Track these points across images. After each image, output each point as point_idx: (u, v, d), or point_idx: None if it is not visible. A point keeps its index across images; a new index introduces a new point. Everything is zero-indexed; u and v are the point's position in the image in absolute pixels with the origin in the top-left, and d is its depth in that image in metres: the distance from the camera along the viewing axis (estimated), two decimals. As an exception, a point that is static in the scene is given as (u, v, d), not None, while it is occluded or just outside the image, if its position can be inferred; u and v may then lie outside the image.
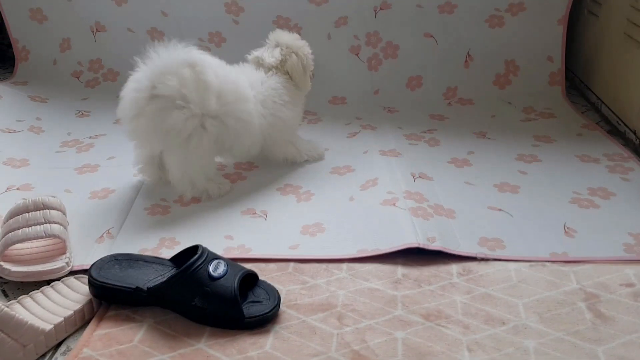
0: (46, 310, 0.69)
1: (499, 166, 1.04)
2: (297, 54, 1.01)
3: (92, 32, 1.38)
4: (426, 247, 0.80)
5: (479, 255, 0.81)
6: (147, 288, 0.70)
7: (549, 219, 0.89)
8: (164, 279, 0.70)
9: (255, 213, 0.92)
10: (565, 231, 0.86)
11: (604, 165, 1.03)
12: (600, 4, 1.28)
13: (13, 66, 1.41)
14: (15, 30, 1.38)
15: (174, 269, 0.74)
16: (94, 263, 0.73)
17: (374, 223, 0.87)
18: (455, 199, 0.94)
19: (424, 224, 0.85)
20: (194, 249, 0.73)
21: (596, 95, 1.28)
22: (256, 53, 1.01)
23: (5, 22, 1.38)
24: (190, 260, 0.69)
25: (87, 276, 0.72)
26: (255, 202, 0.95)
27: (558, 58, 1.31)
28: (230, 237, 0.85)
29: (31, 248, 0.79)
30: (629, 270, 0.77)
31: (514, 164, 1.05)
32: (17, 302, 0.70)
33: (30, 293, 0.72)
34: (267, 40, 1.03)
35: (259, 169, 1.05)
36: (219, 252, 0.80)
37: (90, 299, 0.71)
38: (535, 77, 1.32)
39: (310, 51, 1.03)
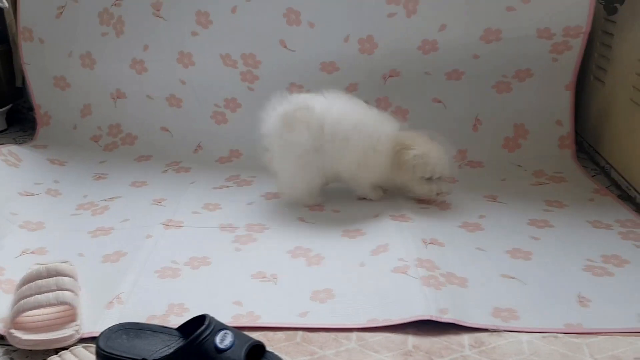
0: (53, 380, 0.69)
1: (511, 231, 1.04)
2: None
3: (113, 98, 1.44)
4: (438, 319, 0.79)
5: (491, 328, 0.79)
6: (153, 360, 0.69)
7: (562, 288, 0.87)
8: (171, 351, 0.69)
9: (265, 277, 0.92)
10: (580, 301, 0.84)
11: (617, 231, 1.02)
12: (605, 70, 1.31)
13: (33, 129, 1.47)
14: (39, 97, 1.45)
15: (181, 339, 0.73)
16: (102, 332, 0.73)
17: (385, 291, 0.86)
18: (468, 266, 0.93)
19: (435, 294, 0.84)
20: (201, 318, 0.72)
21: (605, 160, 1.28)
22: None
23: (29, 89, 1.44)
24: (197, 331, 0.69)
25: (94, 345, 0.72)
26: (265, 265, 0.94)
27: (567, 122, 1.33)
28: (240, 303, 0.85)
29: (42, 315, 0.79)
30: None
31: (526, 229, 1.04)
32: (24, 371, 0.70)
33: None
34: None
35: (270, 230, 1.06)
36: (228, 320, 0.80)
37: (98, 370, 0.71)
38: (544, 140, 1.33)
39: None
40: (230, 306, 0.84)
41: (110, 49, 1.40)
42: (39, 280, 0.80)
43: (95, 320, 0.80)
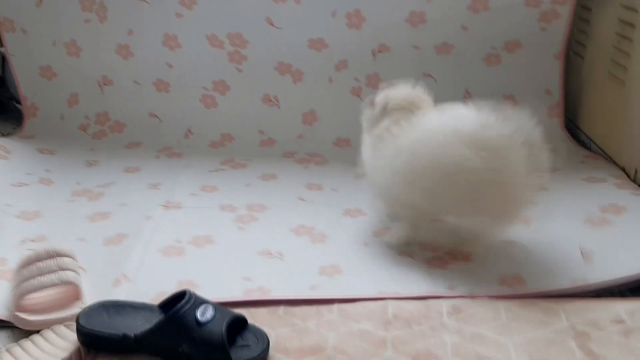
0: (34, 359, 0.68)
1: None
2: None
3: (100, 86, 1.41)
4: (448, 295, 0.80)
5: (501, 295, 0.80)
6: (135, 335, 0.69)
7: (564, 246, 0.89)
8: (151, 326, 0.69)
9: (271, 254, 0.92)
10: (583, 255, 0.86)
11: (612, 183, 1.04)
12: (584, 45, 1.33)
13: (15, 118, 1.44)
14: (25, 88, 1.41)
15: (162, 315, 0.73)
16: (82, 310, 0.73)
17: (391, 271, 0.87)
18: (470, 238, 0.93)
19: (442, 273, 0.85)
20: (182, 295, 0.72)
21: (585, 134, 1.31)
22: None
23: (15, 80, 1.40)
24: (177, 305, 0.69)
25: (75, 323, 0.71)
26: (270, 242, 0.94)
27: (556, 91, 1.34)
28: (249, 278, 0.85)
29: (46, 296, 0.78)
30: (620, 307, 0.76)
31: (522, 195, 1.06)
32: (7, 351, 0.69)
33: (20, 341, 0.71)
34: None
35: (270, 210, 1.05)
36: (239, 295, 0.80)
37: (79, 347, 0.70)
38: (534, 111, 1.34)
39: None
40: (240, 281, 0.84)
41: (94, 36, 1.37)
42: (39, 262, 0.79)
43: (103, 298, 0.79)
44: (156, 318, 0.72)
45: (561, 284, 0.81)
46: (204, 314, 0.68)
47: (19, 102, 1.46)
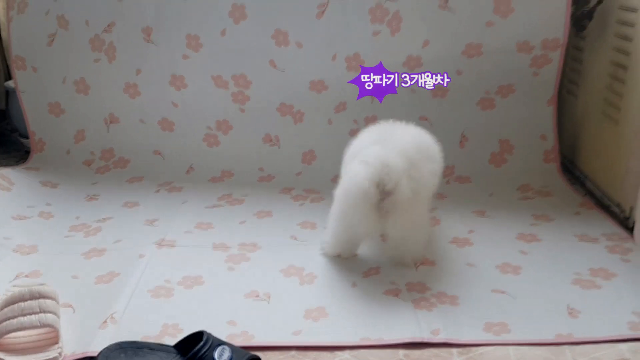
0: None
1: (500, 246, 1.06)
2: None
3: (106, 123, 1.45)
4: (430, 340, 0.81)
5: (482, 343, 0.81)
6: (152, 378, 0.70)
7: (552, 301, 0.89)
8: None
9: (258, 296, 0.92)
10: (569, 312, 0.86)
11: (604, 245, 1.05)
12: (578, 84, 1.35)
13: (17, 150, 1.50)
14: (34, 124, 1.45)
15: (178, 356, 0.74)
16: (101, 352, 0.74)
17: (377, 312, 0.88)
18: (458, 283, 0.95)
19: (427, 315, 0.86)
20: (198, 335, 0.73)
21: (580, 170, 1.32)
22: None
23: (24, 116, 1.45)
24: (195, 347, 0.70)
25: None
26: (259, 284, 0.95)
27: (551, 137, 1.35)
28: (234, 322, 0.86)
29: (24, 337, 0.80)
30: (623, 346, 0.79)
31: (514, 244, 1.06)
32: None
33: None
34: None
35: (263, 249, 1.07)
36: (223, 339, 0.80)
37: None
38: (530, 155, 1.35)
39: None
40: (225, 326, 0.84)
41: (103, 75, 1.42)
42: (22, 303, 0.80)
43: (89, 340, 0.81)
44: (173, 359, 0.74)
45: (546, 336, 0.82)
46: (221, 356, 0.70)
47: (21, 135, 1.51)
